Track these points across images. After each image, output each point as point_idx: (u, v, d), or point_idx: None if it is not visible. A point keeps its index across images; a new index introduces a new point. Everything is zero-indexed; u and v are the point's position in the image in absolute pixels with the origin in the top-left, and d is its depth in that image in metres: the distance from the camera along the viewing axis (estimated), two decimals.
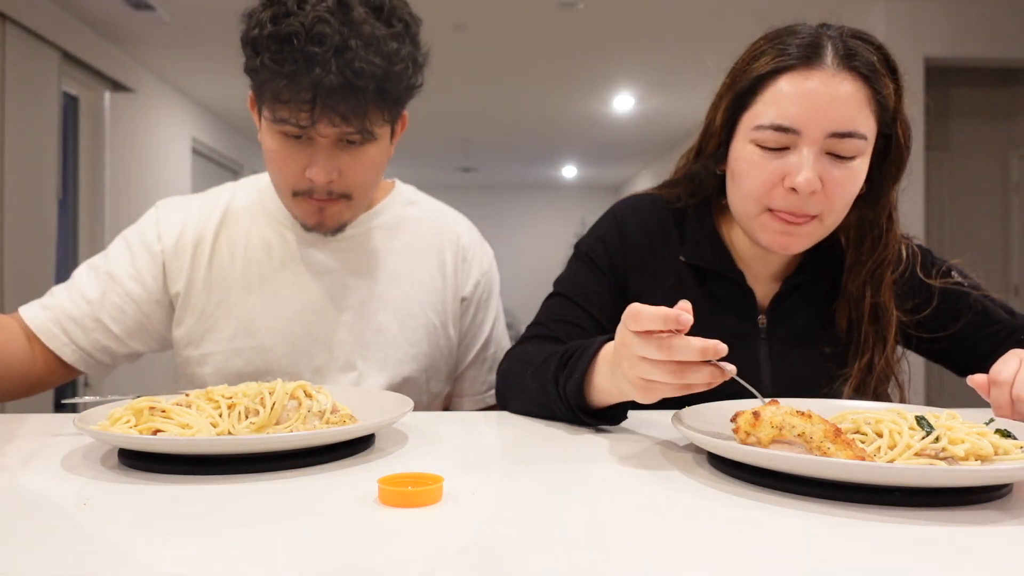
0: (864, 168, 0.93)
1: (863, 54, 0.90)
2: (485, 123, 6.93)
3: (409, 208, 1.22)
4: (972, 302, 1.04)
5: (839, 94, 0.88)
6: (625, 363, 0.71)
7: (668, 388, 0.69)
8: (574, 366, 0.83)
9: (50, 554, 0.46)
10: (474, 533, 0.50)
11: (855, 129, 0.89)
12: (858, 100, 0.89)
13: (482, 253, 1.26)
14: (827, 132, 0.88)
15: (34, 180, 3.68)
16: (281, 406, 0.72)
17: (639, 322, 0.68)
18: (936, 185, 4.71)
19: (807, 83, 0.89)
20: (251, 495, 0.58)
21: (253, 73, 0.98)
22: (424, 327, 1.15)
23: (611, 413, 0.84)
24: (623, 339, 0.71)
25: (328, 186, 1.02)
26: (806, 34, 0.92)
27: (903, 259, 1.04)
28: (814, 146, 0.89)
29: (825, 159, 0.90)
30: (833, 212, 0.93)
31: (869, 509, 0.55)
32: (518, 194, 10.76)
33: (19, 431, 0.82)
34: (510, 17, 4.21)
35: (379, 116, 0.99)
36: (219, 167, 6.76)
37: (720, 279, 1.04)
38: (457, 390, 1.26)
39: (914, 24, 4.10)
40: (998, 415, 0.78)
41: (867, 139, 0.90)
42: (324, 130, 0.97)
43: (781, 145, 0.90)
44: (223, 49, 4.65)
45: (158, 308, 1.11)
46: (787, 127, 0.89)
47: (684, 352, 0.66)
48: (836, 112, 0.88)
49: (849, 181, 0.91)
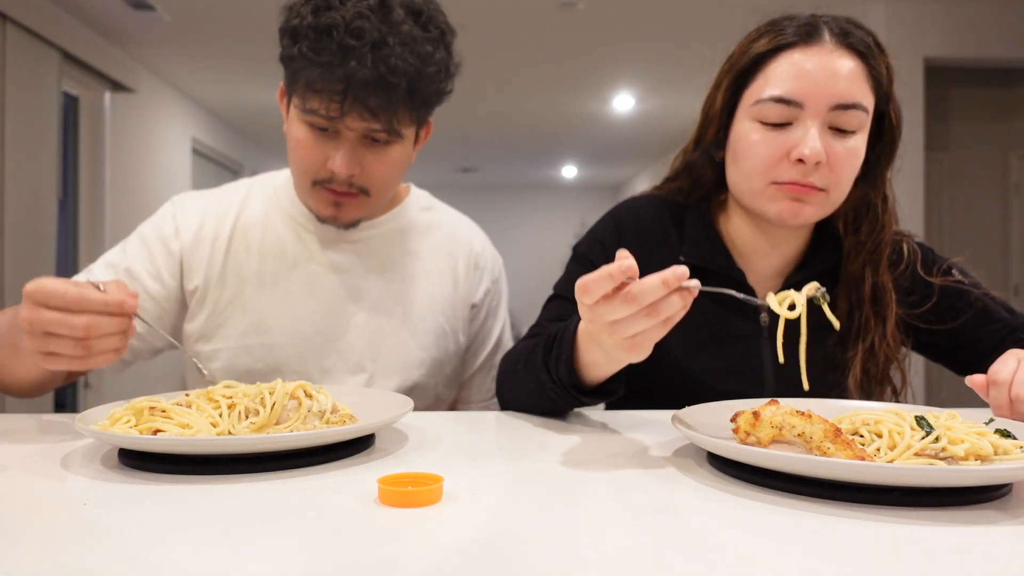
0: (863, 144, 0.94)
1: (858, 34, 0.94)
2: (485, 123, 6.92)
3: (424, 214, 1.23)
4: (973, 300, 1.04)
5: (839, 68, 0.91)
6: (604, 335, 0.70)
7: (653, 333, 0.68)
8: (559, 348, 0.83)
9: (50, 554, 0.46)
10: (474, 533, 0.50)
11: (858, 100, 0.91)
12: (857, 75, 0.92)
13: (493, 261, 1.27)
14: (830, 104, 0.90)
15: (34, 180, 3.68)
16: (281, 406, 0.72)
17: (591, 293, 0.67)
18: (936, 185, 4.71)
19: (808, 58, 0.92)
20: (251, 495, 0.58)
21: (288, 61, 1.00)
22: (434, 332, 1.15)
23: (607, 388, 0.84)
24: (588, 316, 0.70)
25: (349, 179, 1.02)
26: (803, 18, 0.95)
27: (904, 256, 1.04)
28: (817, 119, 0.91)
29: (828, 133, 0.91)
30: (838, 187, 0.94)
31: (869, 509, 0.55)
32: (518, 194, 10.75)
33: (19, 431, 0.82)
34: (510, 17, 4.21)
35: (407, 116, 1.00)
36: (219, 167, 6.75)
37: (721, 279, 1.03)
38: (463, 395, 1.26)
39: (914, 24, 4.10)
40: (997, 415, 0.78)
41: (868, 112, 0.92)
42: (352, 124, 0.98)
43: (784, 120, 0.92)
44: (223, 49, 4.69)
45: (176, 304, 1.12)
46: (790, 100, 0.91)
47: (649, 294, 0.65)
48: (838, 85, 0.90)
49: (852, 155, 0.93)
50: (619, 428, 0.86)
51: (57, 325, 0.72)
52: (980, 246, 4.79)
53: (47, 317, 0.73)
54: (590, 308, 0.69)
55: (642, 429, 0.86)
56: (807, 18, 0.95)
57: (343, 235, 1.14)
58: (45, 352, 0.74)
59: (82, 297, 0.73)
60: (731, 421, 0.69)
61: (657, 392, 1.02)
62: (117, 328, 0.75)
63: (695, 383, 1.01)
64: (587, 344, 0.79)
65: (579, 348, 0.81)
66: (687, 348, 1.03)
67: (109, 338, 0.75)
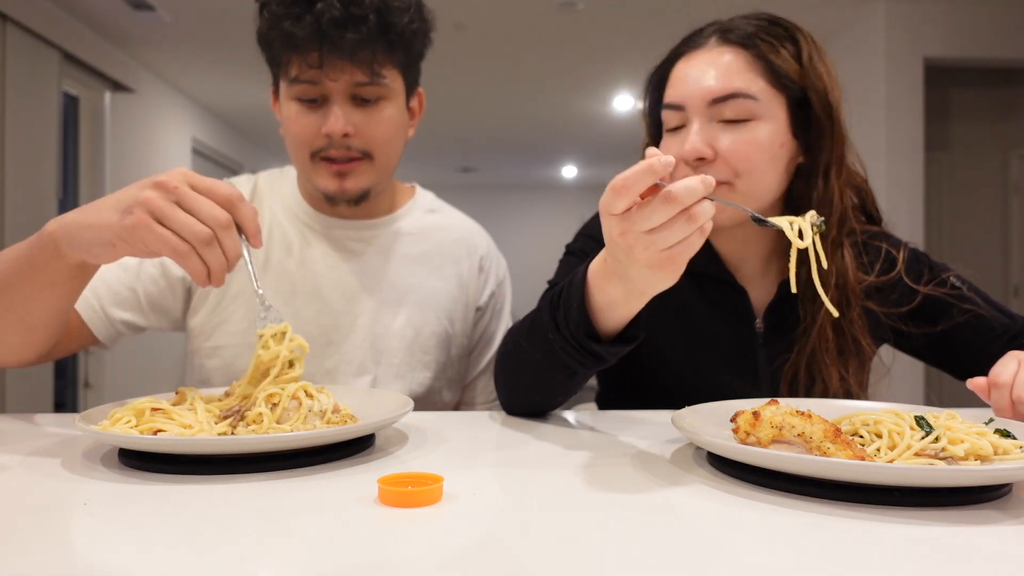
0: (773, 131, 0.93)
1: (740, 27, 0.96)
2: (485, 123, 6.92)
3: (429, 216, 1.23)
4: (962, 308, 1.02)
5: (715, 63, 0.94)
6: (637, 249, 0.65)
7: (690, 244, 0.64)
8: (568, 297, 0.77)
9: (50, 554, 0.46)
10: (474, 533, 0.50)
11: (735, 89, 0.92)
12: (736, 65, 0.93)
13: (498, 263, 1.27)
14: (707, 100, 0.92)
15: (34, 180, 3.68)
16: (282, 407, 0.72)
17: (628, 191, 0.62)
18: (936, 185, 4.70)
19: (688, 62, 0.96)
20: (251, 495, 0.58)
21: (266, 37, 1.03)
22: (438, 335, 1.15)
23: (627, 334, 0.78)
24: (619, 229, 0.65)
25: (345, 141, 1.03)
26: (706, 29, 0.99)
27: (895, 262, 1.02)
28: (698, 116, 0.93)
29: (716, 127, 0.93)
30: (745, 176, 0.92)
31: (869, 509, 0.55)
32: (518, 194, 10.74)
33: (19, 431, 0.82)
34: (510, 17, 4.21)
35: (386, 58, 1.02)
36: (219, 167, 6.75)
37: (714, 281, 1.03)
38: (467, 398, 1.25)
39: (914, 24, 4.10)
40: (999, 416, 0.78)
41: (757, 99, 0.92)
42: (334, 75, 0.99)
43: (679, 124, 0.95)
44: (223, 49, 4.69)
45: (176, 294, 1.11)
46: (674, 104, 0.95)
47: (691, 193, 0.61)
48: (712, 80, 0.93)
49: (749, 144, 0.91)
50: (618, 428, 0.86)
51: (200, 204, 0.71)
52: (980, 246, 4.79)
53: (189, 195, 0.71)
54: (622, 218, 0.63)
55: (642, 429, 0.86)
56: (703, 27, 0.99)
57: (348, 234, 1.14)
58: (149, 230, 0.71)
59: (234, 196, 0.73)
60: (731, 421, 0.69)
61: (657, 396, 1.02)
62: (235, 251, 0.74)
63: (690, 387, 0.99)
64: (603, 283, 0.73)
65: (591, 291, 0.75)
66: (685, 352, 1.02)
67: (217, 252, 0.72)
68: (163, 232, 0.70)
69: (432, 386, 1.15)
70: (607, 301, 0.74)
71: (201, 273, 0.72)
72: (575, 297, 0.76)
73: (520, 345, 0.87)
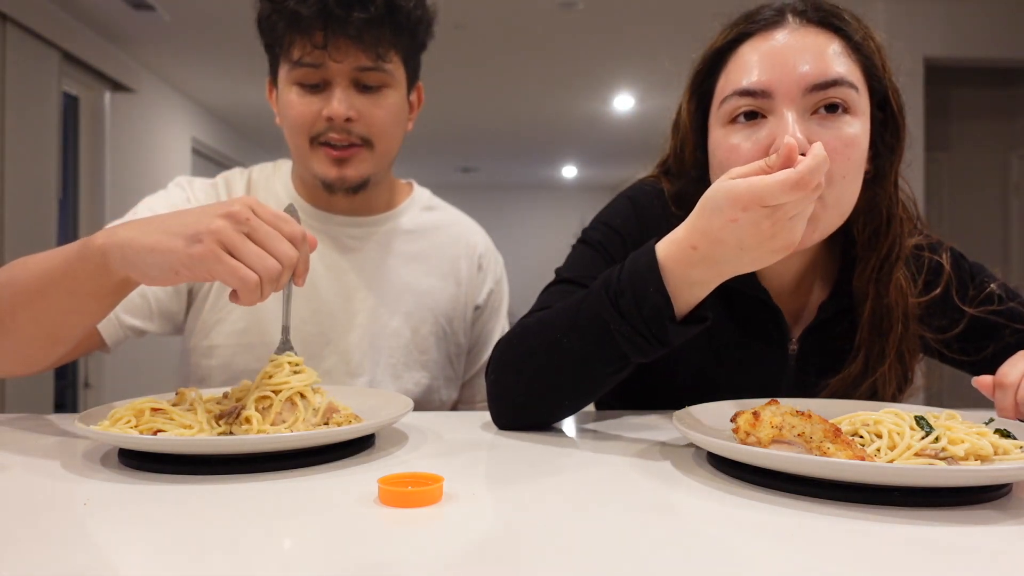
0: (863, 129, 0.80)
1: (827, 8, 0.83)
2: (485, 123, 6.92)
3: (426, 214, 1.22)
4: (1016, 328, 0.95)
5: (808, 43, 0.80)
6: (781, 235, 0.67)
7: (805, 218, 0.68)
8: (635, 287, 0.73)
9: (50, 554, 0.46)
10: (474, 533, 0.50)
11: (838, 76, 0.78)
12: (832, 48, 0.80)
13: (496, 262, 1.27)
14: (804, 86, 0.78)
15: (34, 180, 3.68)
16: (275, 411, 0.71)
17: (808, 184, 0.64)
18: (936, 185, 4.70)
19: (770, 41, 0.81)
20: (251, 495, 0.58)
21: (267, 21, 1.02)
22: (435, 334, 1.15)
23: (697, 315, 0.76)
24: (771, 221, 0.66)
25: (346, 126, 1.02)
26: (766, 10, 0.85)
27: (940, 278, 0.95)
28: (792, 105, 0.78)
29: (812, 120, 0.79)
30: (839, 185, 0.79)
31: (869, 509, 0.55)
32: (518, 194, 10.74)
33: (19, 431, 0.82)
34: (510, 17, 4.21)
35: (391, 42, 1.01)
36: (219, 167, 6.75)
37: (745, 298, 0.93)
38: (465, 396, 1.25)
39: (914, 24, 4.10)
40: (1001, 416, 0.78)
41: (858, 89, 0.80)
42: (339, 56, 0.99)
43: (753, 113, 0.81)
44: (223, 49, 4.69)
45: (184, 293, 1.10)
46: (755, 90, 0.79)
47: (817, 172, 0.64)
48: (808, 62, 0.78)
49: (849, 144, 0.78)
50: (619, 428, 0.86)
51: (272, 241, 0.70)
52: (980, 246, 4.78)
53: (262, 229, 0.70)
54: (774, 208, 0.65)
55: (642, 429, 0.86)
56: (769, 8, 0.85)
57: (345, 231, 1.13)
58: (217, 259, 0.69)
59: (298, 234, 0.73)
60: (731, 421, 0.69)
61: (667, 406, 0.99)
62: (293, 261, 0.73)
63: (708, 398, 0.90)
64: (685, 269, 0.72)
65: (666, 277, 0.73)
66: (715, 364, 0.95)
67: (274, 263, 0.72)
68: (233, 264, 0.68)
69: (430, 385, 1.14)
70: (686, 284, 0.73)
71: (254, 303, 0.72)
72: (651, 282, 0.72)
73: (557, 343, 0.79)
